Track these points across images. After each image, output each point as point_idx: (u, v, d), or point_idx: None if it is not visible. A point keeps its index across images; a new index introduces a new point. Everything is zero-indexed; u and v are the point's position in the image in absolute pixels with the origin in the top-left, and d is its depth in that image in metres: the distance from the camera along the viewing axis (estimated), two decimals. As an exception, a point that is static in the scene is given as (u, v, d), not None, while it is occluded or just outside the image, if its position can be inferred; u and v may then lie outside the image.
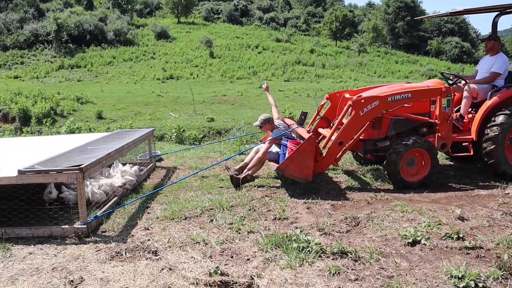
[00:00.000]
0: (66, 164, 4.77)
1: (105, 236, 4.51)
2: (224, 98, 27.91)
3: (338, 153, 6.18)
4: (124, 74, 43.07)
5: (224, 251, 4.05)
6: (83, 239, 4.45)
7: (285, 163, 5.83)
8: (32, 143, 7.42)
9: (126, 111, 22.93)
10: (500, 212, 5.02)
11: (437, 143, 6.28)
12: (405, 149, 6.05)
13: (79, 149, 5.82)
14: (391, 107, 6.18)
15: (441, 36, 77.04)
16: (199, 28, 67.27)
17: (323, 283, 3.42)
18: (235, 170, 6.53)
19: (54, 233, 4.54)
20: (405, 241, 4.18)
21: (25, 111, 20.38)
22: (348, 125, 6.07)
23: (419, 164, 6.25)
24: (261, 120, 6.80)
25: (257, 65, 47.93)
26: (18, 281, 3.57)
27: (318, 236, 4.36)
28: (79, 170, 4.47)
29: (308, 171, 5.86)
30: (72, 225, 4.62)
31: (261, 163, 6.57)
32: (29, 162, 4.87)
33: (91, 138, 7.05)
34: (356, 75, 46.83)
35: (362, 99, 6.05)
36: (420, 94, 6.33)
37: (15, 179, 4.51)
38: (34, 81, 37.97)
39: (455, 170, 7.26)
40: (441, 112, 6.25)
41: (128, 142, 6.32)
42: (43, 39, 50.32)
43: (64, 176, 4.52)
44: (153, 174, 7.25)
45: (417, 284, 3.40)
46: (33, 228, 4.59)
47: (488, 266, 3.69)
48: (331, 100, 7.38)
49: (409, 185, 6.12)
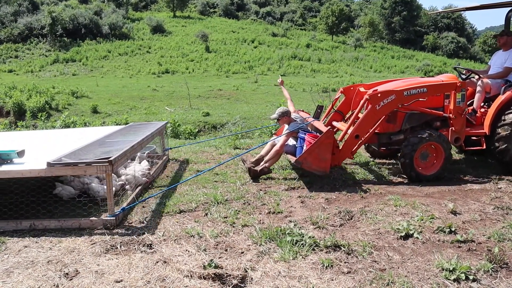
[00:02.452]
0: (89, 156, 4.77)
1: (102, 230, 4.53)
2: (220, 92, 27.91)
3: (354, 146, 6.24)
4: (119, 68, 42.95)
5: (218, 245, 4.07)
6: (111, 229, 4.49)
7: (303, 156, 5.92)
8: (44, 136, 7.43)
9: (122, 106, 22.90)
10: (492, 206, 5.07)
11: (451, 137, 6.37)
12: (420, 142, 6.12)
13: (98, 143, 5.79)
14: (407, 101, 6.26)
15: (437, 31, 77.08)
16: (195, 22, 67.07)
17: (316, 276, 3.45)
18: (251, 163, 6.60)
19: (82, 225, 4.56)
20: (398, 235, 4.23)
21: (19, 105, 20.34)
22: (364, 118, 6.15)
23: (432, 157, 6.31)
24: (279, 113, 6.87)
25: (253, 59, 47.89)
26: (14, 274, 3.58)
27: (311, 230, 4.39)
28: (108, 163, 4.46)
29: (326, 164, 5.95)
30: (101, 217, 4.64)
31: (278, 156, 6.65)
32: (48, 155, 4.88)
33: (105, 131, 7.02)
34: (352, 70, 46.85)
35: (378, 93, 6.12)
36: (435, 88, 6.40)
37: (44, 171, 4.50)
38: (29, 75, 37.83)
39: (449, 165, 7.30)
40: (456, 107, 6.33)
41: (148, 135, 6.32)
42: (37, 32, 50.07)
43: (93, 168, 4.51)
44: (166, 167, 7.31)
45: (408, 276, 3.44)
46: (61, 220, 4.60)
47: (479, 259, 3.74)
48: (345, 93, 7.47)
49: (422, 178, 6.19)
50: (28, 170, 4.55)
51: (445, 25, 78.51)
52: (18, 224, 4.55)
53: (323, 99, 16.08)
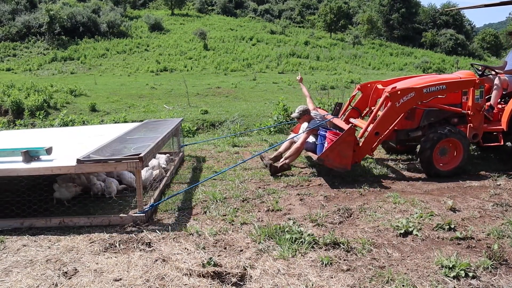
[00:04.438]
0: (113, 153, 4.80)
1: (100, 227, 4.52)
2: (218, 90, 27.89)
3: (374, 143, 6.29)
4: (117, 66, 42.87)
5: (217, 243, 4.07)
6: (141, 226, 4.50)
7: (325, 153, 5.97)
8: (62, 133, 7.47)
9: (120, 104, 22.88)
10: (491, 203, 5.07)
11: (469, 133, 6.41)
12: (439, 138, 6.16)
13: (119, 140, 5.79)
14: (426, 98, 6.32)
15: (436, 28, 77.02)
16: (193, 20, 66.94)
17: (316, 274, 3.45)
18: (270, 159, 6.71)
19: (112, 222, 4.57)
20: (397, 232, 4.22)
21: (18, 103, 20.30)
22: (384, 115, 6.19)
23: (451, 153, 6.35)
24: (299, 111, 6.94)
25: (251, 57, 47.82)
26: (12, 273, 3.57)
27: (311, 227, 4.39)
28: (138, 159, 4.47)
29: (347, 161, 6.00)
30: (130, 213, 4.65)
31: (298, 153, 6.71)
32: (75, 152, 4.92)
33: (123, 128, 7.04)
34: (350, 67, 46.81)
35: (398, 90, 6.16)
36: (454, 85, 6.44)
37: (74, 168, 4.50)
38: (27, 74, 37.74)
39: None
40: (474, 103, 6.37)
41: (169, 131, 6.36)
42: (35, 31, 49.91)
43: (123, 165, 4.51)
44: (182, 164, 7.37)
45: (408, 274, 3.44)
46: (91, 217, 4.61)
47: (479, 256, 3.73)
48: (362, 91, 7.54)
49: (441, 173, 6.25)
50: (58, 167, 4.56)
51: (443, 22, 78.47)
52: (48, 221, 4.57)
53: (322, 97, 16.04)
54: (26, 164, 4.62)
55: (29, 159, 4.69)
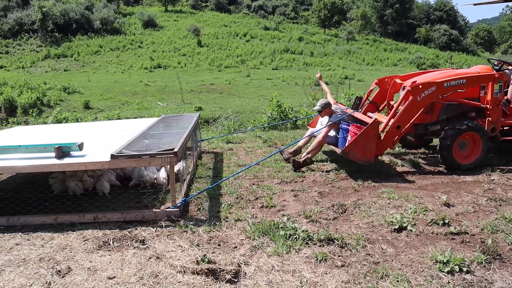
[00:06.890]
0: (141, 148, 4.81)
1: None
2: (212, 87, 27.84)
3: (395, 136, 6.34)
4: (111, 63, 42.69)
5: (211, 239, 4.06)
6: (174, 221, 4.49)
7: (349, 146, 6.03)
8: (82, 128, 7.45)
9: (114, 101, 22.78)
10: (485, 198, 5.08)
11: (488, 127, 6.49)
12: (459, 132, 6.22)
13: (143, 135, 5.77)
14: (446, 93, 6.39)
15: (430, 24, 77.11)
16: (187, 16, 66.69)
17: (310, 270, 3.44)
18: (289, 154, 6.76)
19: (146, 217, 4.56)
20: (392, 228, 4.23)
21: (10, 101, 20.15)
22: (405, 109, 6.24)
23: (470, 147, 6.41)
24: (321, 105, 7.01)
25: (245, 53, 47.75)
26: (5, 272, 3.54)
27: (305, 224, 4.38)
28: (173, 154, 4.46)
29: (371, 154, 6.08)
30: (164, 209, 4.64)
31: (320, 147, 6.80)
32: (104, 147, 4.94)
33: (142, 123, 7.02)
34: (344, 63, 46.86)
35: (419, 84, 6.21)
36: (474, 80, 6.51)
37: (108, 163, 4.48)
38: (20, 71, 37.50)
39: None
40: (493, 97, 6.45)
41: (191, 127, 6.38)
42: (28, 28, 49.50)
43: (157, 160, 4.49)
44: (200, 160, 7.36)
45: (402, 269, 3.44)
46: (124, 213, 4.59)
47: (473, 251, 3.74)
48: (379, 85, 7.62)
49: (460, 167, 6.32)
50: (92, 163, 4.54)
51: (437, 17, 78.60)
52: (81, 217, 4.55)
53: (316, 93, 16.03)
54: (59, 160, 4.60)
55: (61, 155, 4.68)
